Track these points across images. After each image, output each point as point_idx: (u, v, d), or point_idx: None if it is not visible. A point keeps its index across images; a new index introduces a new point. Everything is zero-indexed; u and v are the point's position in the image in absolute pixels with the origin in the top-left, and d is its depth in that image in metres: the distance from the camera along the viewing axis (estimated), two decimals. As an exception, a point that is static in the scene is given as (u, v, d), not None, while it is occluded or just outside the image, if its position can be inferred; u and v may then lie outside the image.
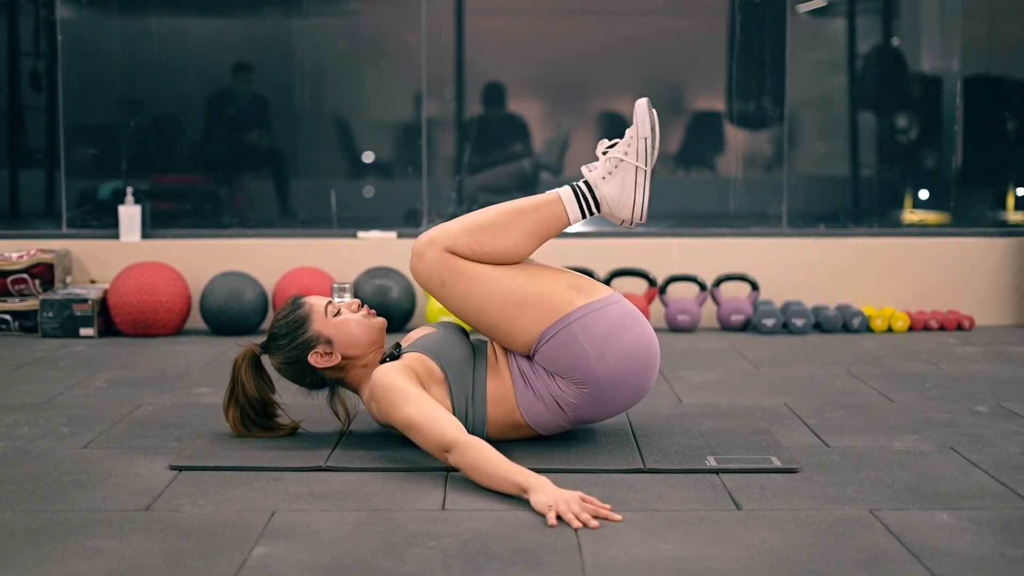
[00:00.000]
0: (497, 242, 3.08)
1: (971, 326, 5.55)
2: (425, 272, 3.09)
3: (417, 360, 3.04)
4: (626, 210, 3.12)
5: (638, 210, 3.12)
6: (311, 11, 5.90)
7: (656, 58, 6.10)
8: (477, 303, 3.07)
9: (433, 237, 3.08)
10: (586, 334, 3.01)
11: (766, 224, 5.91)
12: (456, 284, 3.07)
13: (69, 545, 2.39)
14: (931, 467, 2.99)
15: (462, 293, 3.07)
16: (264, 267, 5.58)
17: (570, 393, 3.05)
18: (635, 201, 3.11)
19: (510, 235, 3.09)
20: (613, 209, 3.12)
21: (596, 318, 3.03)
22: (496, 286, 3.06)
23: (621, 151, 3.12)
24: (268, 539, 2.43)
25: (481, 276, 3.07)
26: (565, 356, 3.01)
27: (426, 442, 2.83)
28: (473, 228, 3.09)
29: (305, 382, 3.18)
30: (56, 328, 5.22)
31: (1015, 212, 6.05)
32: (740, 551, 2.36)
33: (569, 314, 3.02)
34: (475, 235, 3.08)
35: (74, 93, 5.81)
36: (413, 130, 5.94)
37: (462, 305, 3.09)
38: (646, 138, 3.11)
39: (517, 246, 3.10)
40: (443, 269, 3.07)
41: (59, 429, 3.41)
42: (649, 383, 3.13)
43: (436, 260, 3.07)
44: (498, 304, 3.05)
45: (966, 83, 6.03)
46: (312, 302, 3.15)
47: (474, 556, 2.33)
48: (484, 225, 3.09)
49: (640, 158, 3.11)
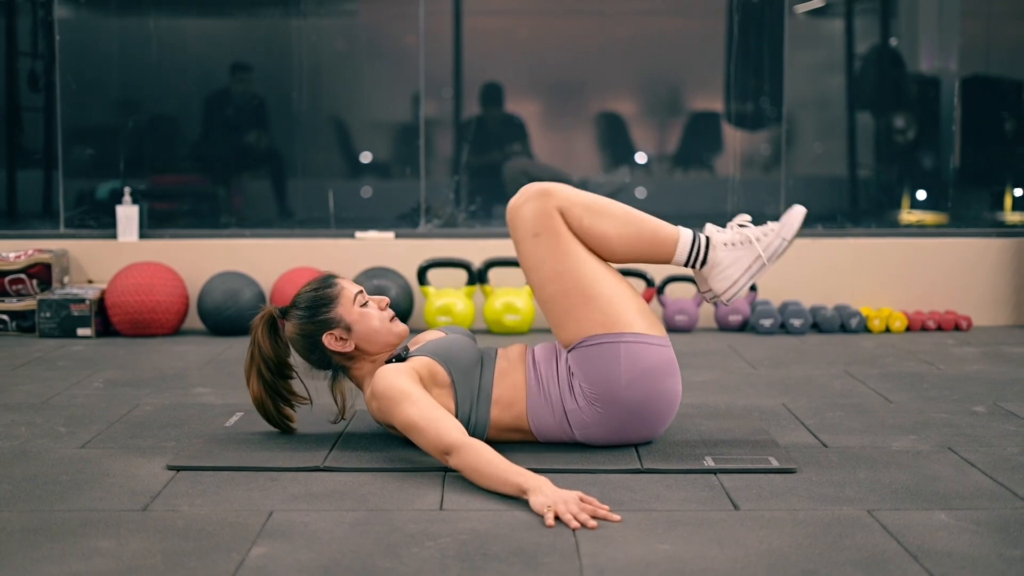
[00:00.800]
0: (605, 230, 3.05)
1: (969, 326, 5.55)
2: (524, 216, 3.05)
3: (422, 364, 3.03)
4: (723, 285, 3.12)
5: (733, 291, 3.12)
6: (309, 11, 5.90)
7: (654, 58, 6.10)
8: (554, 272, 3.03)
9: (549, 189, 3.05)
10: (628, 359, 3.00)
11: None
12: (546, 243, 3.04)
13: (67, 545, 2.39)
14: (929, 467, 2.99)
15: (547, 254, 3.04)
16: (262, 267, 5.58)
17: (584, 410, 3.03)
18: (737, 282, 3.11)
19: (619, 233, 3.06)
20: (712, 276, 3.12)
21: (644, 350, 3.02)
22: (579, 268, 3.03)
23: (756, 234, 3.12)
24: (266, 539, 2.43)
25: (572, 251, 3.04)
26: (599, 367, 3.01)
27: (427, 444, 2.83)
28: (592, 205, 3.06)
29: (311, 358, 3.16)
30: (54, 328, 5.22)
31: (1013, 212, 6.06)
32: (738, 551, 2.36)
33: (624, 333, 3.01)
34: (591, 212, 3.04)
35: (72, 93, 5.81)
36: (411, 130, 5.94)
37: (538, 264, 3.05)
38: (784, 240, 3.11)
39: (616, 246, 3.07)
40: (543, 222, 3.03)
41: (57, 429, 3.41)
42: (657, 432, 3.13)
43: (540, 211, 3.04)
44: (570, 285, 3.03)
45: (964, 83, 6.04)
46: (344, 285, 3.13)
47: (472, 556, 2.33)
48: (603, 210, 3.06)
49: (768, 252, 3.10)
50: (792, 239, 3.12)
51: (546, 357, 3.13)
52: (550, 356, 3.13)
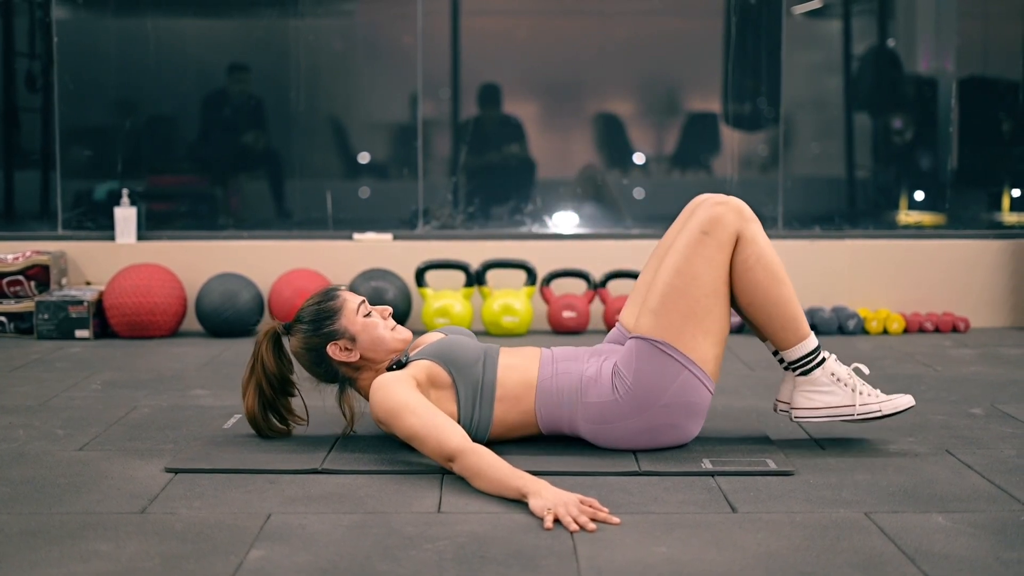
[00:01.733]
0: (758, 281, 3.07)
1: (966, 328, 5.56)
2: (712, 215, 3.05)
3: (421, 368, 3.04)
4: (803, 403, 3.16)
5: (806, 416, 3.16)
6: (307, 12, 5.90)
7: (652, 59, 6.10)
8: (690, 271, 3.03)
9: (746, 213, 3.08)
10: (682, 386, 3.02)
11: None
12: (706, 245, 3.04)
13: (64, 548, 2.39)
14: (926, 470, 3.00)
15: (698, 254, 3.03)
16: (260, 269, 5.58)
17: (606, 404, 3.04)
18: (816, 411, 3.15)
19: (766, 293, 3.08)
20: (800, 389, 3.16)
21: (698, 388, 3.04)
22: (710, 287, 3.04)
23: (862, 388, 3.16)
24: (264, 542, 2.43)
25: (719, 271, 3.04)
26: (654, 371, 3.01)
27: (430, 452, 2.84)
28: (765, 254, 3.07)
29: (318, 371, 3.17)
30: (51, 330, 5.22)
31: (1010, 213, 6.06)
32: (735, 554, 2.36)
33: (696, 364, 3.02)
34: (760, 259, 3.06)
35: (70, 94, 5.81)
36: (409, 131, 5.94)
37: (685, 254, 3.04)
38: (880, 412, 3.15)
39: (755, 301, 3.09)
40: (720, 231, 3.04)
41: (55, 431, 3.41)
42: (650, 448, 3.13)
43: (727, 222, 3.05)
44: (691, 292, 3.02)
45: (961, 84, 6.04)
46: (346, 296, 3.14)
47: (470, 559, 2.33)
48: (770, 265, 3.08)
49: (860, 408, 3.14)
50: (884, 416, 3.16)
51: (569, 357, 3.14)
52: (573, 357, 3.14)
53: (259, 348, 3.18)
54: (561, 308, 5.50)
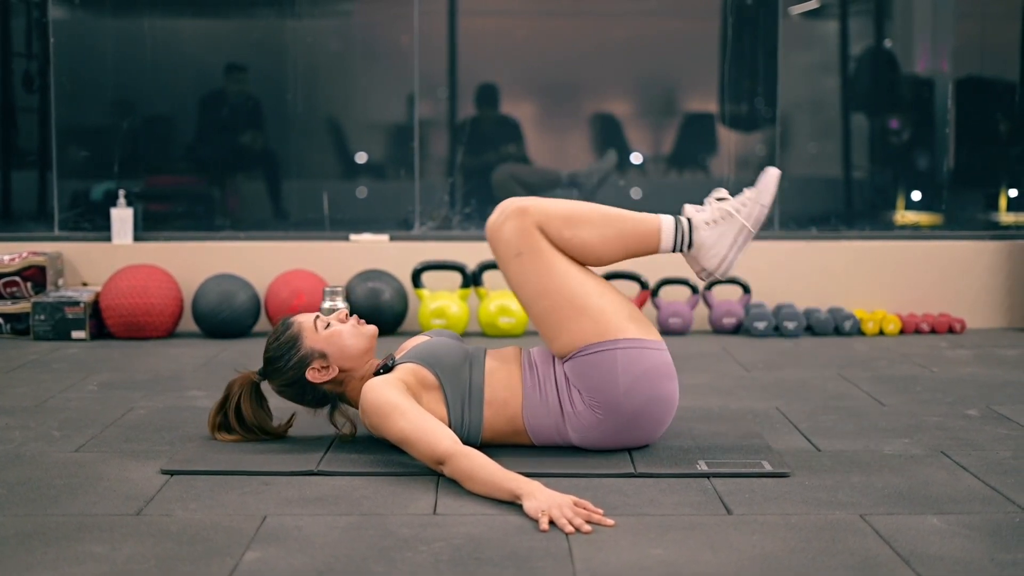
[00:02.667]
0: (587, 238, 3.05)
1: (962, 329, 5.56)
2: (505, 238, 3.05)
3: (409, 371, 3.04)
4: (713, 262, 3.12)
5: (724, 266, 3.13)
6: (304, 12, 5.90)
7: (649, 60, 6.10)
8: (541, 288, 3.03)
9: (526, 207, 3.04)
10: (624, 365, 3.01)
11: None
12: (530, 261, 3.04)
13: (60, 550, 2.39)
14: (921, 471, 3.00)
15: (532, 272, 3.04)
16: (256, 269, 5.58)
17: (583, 415, 3.04)
18: (726, 257, 3.12)
19: (602, 237, 3.06)
20: (701, 255, 3.12)
21: (640, 355, 3.03)
22: (565, 281, 3.03)
23: (734, 206, 3.13)
24: (259, 544, 2.43)
25: (557, 265, 3.04)
26: (596, 376, 3.01)
27: (420, 455, 2.84)
28: (570, 215, 3.05)
29: (307, 400, 3.19)
30: (48, 331, 5.21)
31: (1007, 214, 6.07)
32: (731, 556, 2.37)
33: (619, 340, 3.01)
34: (570, 223, 3.04)
35: (66, 94, 5.81)
36: (406, 131, 5.94)
37: (524, 282, 3.05)
38: (763, 206, 3.12)
39: (602, 250, 3.08)
40: (524, 241, 3.04)
41: (51, 433, 3.41)
42: (654, 437, 3.14)
43: (522, 230, 3.04)
44: (560, 299, 3.03)
45: (958, 85, 6.04)
46: (300, 320, 3.15)
47: (465, 561, 2.33)
48: (582, 217, 3.06)
49: (751, 221, 3.11)
50: (771, 203, 3.12)
51: (544, 359, 3.13)
52: (548, 358, 3.13)
53: (235, 399, 3.21)
54: (558, 309, 5.49)
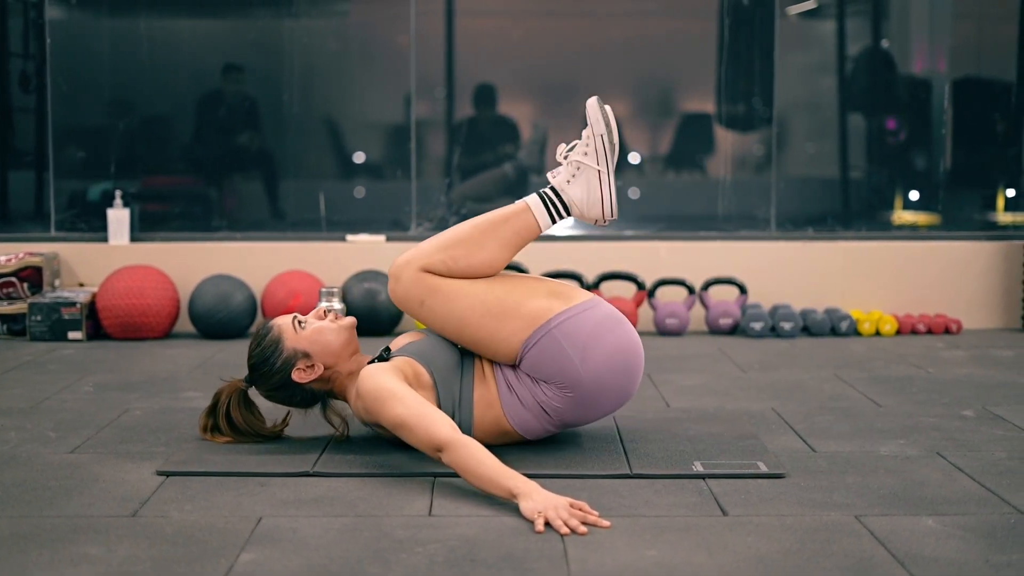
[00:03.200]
0: (471, 256, 3.08)
1: (958, 330, 5.57)
2: (403, 294, 3.11)
3: (406, 362, 3.05)
4: (595, 210, 3.13)
5: (607, 208, 3.13)
6: (301, 12, 5.90)
7: (646, 60, 6.11)
8: (457, 319, 3.07)
9: (408, 259, 3.10)
10: (568, 339, 3.02)
11: (754, 227, 5.93)
12: (435, 302, 3.08)
13: (56, 551, 2.39)
14: (917, 472, 3.00)
15: (442, 311, 3.08)
16: (253, 270, 5.58)
17: (555, 398, 3.05)
18: (603, 200, 3.12)
19: (483, 248, 3.09)
20: (583, 211, 3.14)
21: (577, 323, 3.04)
22: (474, 300, 3.06)
23: (580, 154, 3.14)
24: (255, 545, 2.43)
25: (459, 292, 3.08)
26: (549, 362, 3.02)
27: (418, 441, 2.83)
28: (446, 244, 3.09)
29: (296, 401, 3.20)
30: (44, 332, 5.21)
31: (1004, 214, 6.07)
32: (726, 557, 2.37)
33: (549, 320, 3.03)
34: (448, 251, 3.08)
35: (63, 95, 5.81)
36: (403, 132, 5.94)
37: (443, 323, 3.10)
38: (602, 135, 3.13)
39: (492, 258, 3.10)
40: (420, 289, 3.08)
41: (46, 434, 3.41)
42: (634, 384, 3.14)
43: (412, 281, 3.08)
44: (478, 318, 3.05)
45: (955, 85, 6.05)
46: (278, 322, 3.16)
47: (460, 562, 2.33)
48: (456, 240, 3.09)
49: (601, 159, 3.12)
50: (608, 128, 3.14)
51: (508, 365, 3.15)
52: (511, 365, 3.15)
53: (224, 407, 3.23)
54: (554, 309, 5.49)
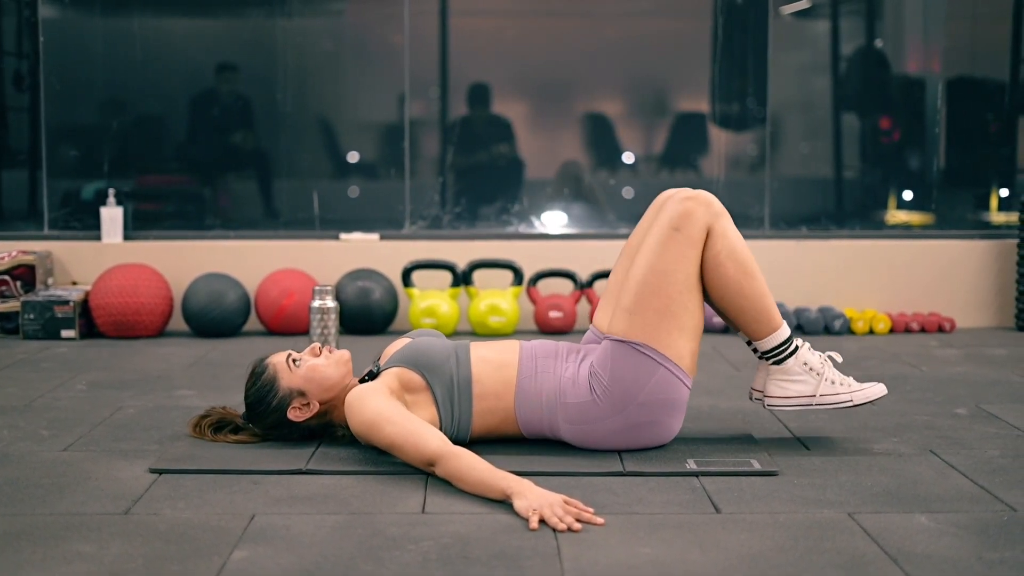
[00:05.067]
0: (728, 275, 3.06)
1: (952, 328, 5.57)
2: (680, 210, 3.04)
3: (393, 376, 3.04)
4: (776, 392, 3.16)
5: (778, 405, 3.17)
6: (295, 11, 5.90)
7: (640, 59, 6.11)
8: (663, 268, 3.02)
9: (714, 206, 3.05)
10: (659, 383, 3.02)
11: (749, 226, 5.93)
12: (678, 241, 3.02)
13: (48, 549, 2.39)
14: (910, 470, 3.00)
15: (672, 251, 3.02)
16: (246, 269, 5.57)
17: (582, 406, 3.04)
18: (788, 400, 3.16)
19: (738, 286, 3.07)
20: (773, 378, 3.17)
21: (675, 384, 3.04)
22: (684, 283, 3.03)
23: (833, 377, 3.16)
24: (247, 543, 2.43)
25: (691, 266, 3.03)
26: (629, 371, 3.01)
27: (410, 459, 2.85)
28: (736, 248, 3.06)
29: (293, 438, 3.19)
30: (37, 330, 5.20)
31: (997, 214, 6.08)
32: (719, 554, 2.37)
33: (671, 360, 3.02)
34: (732, 252, 3.05)
35: (56, 93, 5.80)
36: (397, 131, 5.94)
37: (656, 252, 3.03)
38: (851, 402, 3.16)
39: (727, 294, 3.08)
40: (691, 226, 3.03)
41: (39, 432, 3.40)
42: (633, 448, 3.13)
43: (696, 216, 3.03)
44: (665, 290, 3.01)
45: (949, 85, 6.05)
46: (274, 361, 3.14)
47: (453, 560, 2.33)
48: (741, 257, 3.07)
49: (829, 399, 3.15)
50: (857, 405, 3.17)
51: (548, 353, 3.13)
52: (552, 352, 3.13)
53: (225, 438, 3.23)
54: (548, 308, 5.51)
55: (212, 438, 3.22)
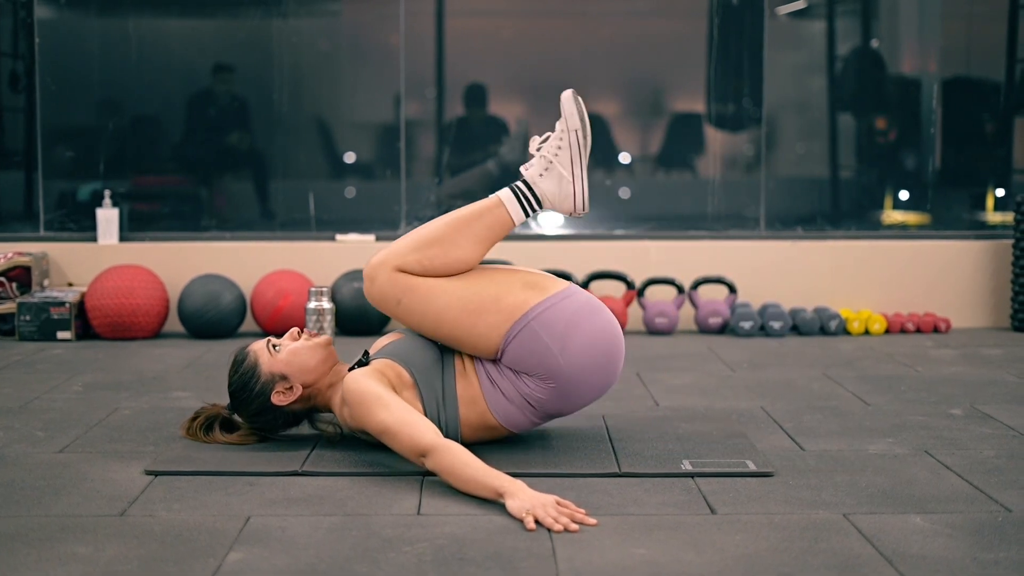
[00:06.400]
0: (446, 254, 3.08)
1: (947, 328, 5.58)
2: (379, 294, 3.10)
3: (387, 365, 3.04)
4: (567, 203, 3.13)
5: (579, 202, 3.12)
6: (291, 12, 5.90)
7: (636, 60, 6.11)
8: (434, 317, 3.06)
9: (382, 259, 3.09)
10: (546, 330, 3.01)
11: (744, 227, 5.93)
12: (411, 301, 3.07)
13: (43, 551, 2.39)
14: (905, 471, 3.01)
15: (419, 309, 3.07)
16: (242, 270, 5.57)
17: (538, 389, 3.05)
18: (575, 193, 3.11)
19: (457, 245, 3.08)
20: (555, 204, 3.13)
21: (554, 313, 3.03)
22: (451, 297, 3.06)
23: (553, 147, 3.12)
24: (243, 544, 2.43)
25: (435, 289, 3.07)
26: (529, 355, 3.02)
27: (402, 447, 2.84)
28: (420, 244, 3.08)
29: (279, 425, 3.20)
30: (33, 331, 5.20)
31: (993, 214, 6.08)
32: (714, 555, 2.37)
33: (526, 313, 3.02)
34: (422, 250, 3.07)
35: (52, 94, 5.79)
36: (393, 132, 5.94)
37: (420, 321, 3.09)
38: (576, 130, 3.11)
39: (466, 255, 3.09)
40: (396, 289, 3.07)
41: (35, 433, 3.40)
42: (616, 370, 3.13)
43: (387, 281, 3.07)
44: (455, 314, 3.05)
45: (944, 85, 6.06)
46: (254, 347, 3.15)
47: (449, 561, 2.33)
48: (430, 239, 3.08)
49: (572, 152, 3.11)
50: (582, 123, 3.11)
51: None
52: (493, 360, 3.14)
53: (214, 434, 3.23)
54: (544, 309, 5.50)
55: (205, 439, 3.22)
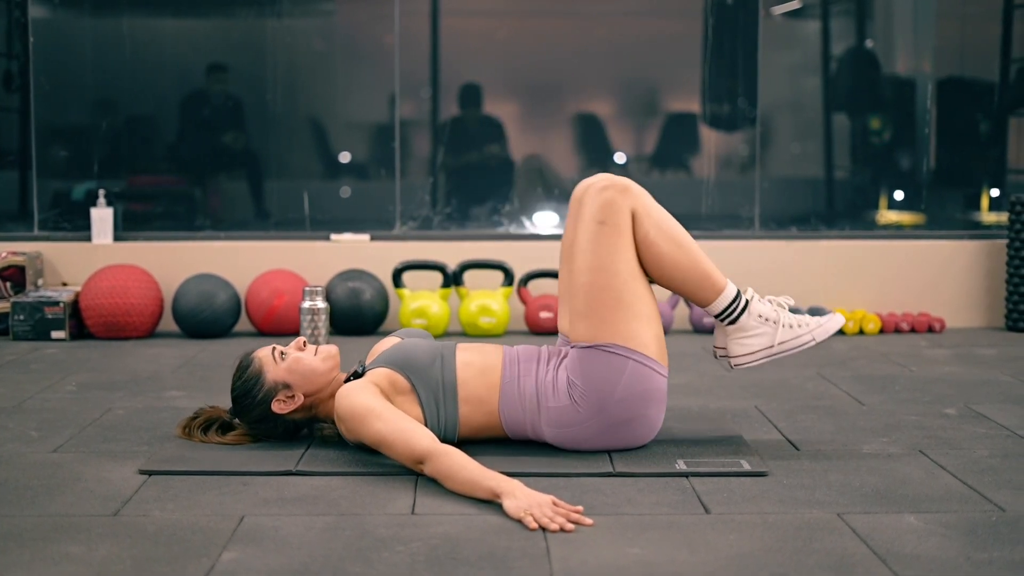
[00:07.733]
0: (663, 252, 3.05)
1: (942, 328, 5.58)
2: (599, 201, 3.03)
3: (381, 375, 3.04)
4: (738, 350, 3.13)
5: (745, 362, 3.13)
6: (285, 11, 5.89)
7: (631, 60, 6.11)
8: (600, 264, 3.02)
9: (630, 188, 3.05)
10: (631, 378, 3.01)
11: (739, 227, 5.93)
12: (607, 234, 3.02)
13: (36, 550, 2.38)
14: (899, 470, 3.01)
15: (605, 245, 3.02)
16: (237, 269, 5.57)
17: (566, 409, 3.03)
18: (754, 355, 3.12)
19: (674, 260, 3.06)
20: (732, 337, 3.14)
21: (648, 375, 3.03)
22: (625, 273, 3.03)
23: (791, 321, 3.12)
24: (237, 544, 2.43)
25: (626, 253, 3.04)
26: (599, 373, 3.01)
27: (399, 456, 2.84)
28: (662, 222, 3.06)
29: (279, 434, 3.19)
30: (27, 331, 5.19)
31: (988, 214, 6.09)
32: (708, 555, 2.37)
33: (638, 352, 3.02)
34: (659, 228, 3.05)
35: (46, 94, 5.79)
36: (387, 131, 5.93)
37: (589, 250, 3.04)
38: (814, 341, 3.12)
39: (667, 271, 3.07)
40: (613, 215, 3.03)
41: (28, 433, 3.40)
42: (620, 448, 3.13)
43: (615, 204, 3.03)
44: (610, 285, 3.02)
45: (939, 85, 6.07)
46: (259, 354, 3.15)
47: (442, 561, 2.33)
48: (670, 231, 3.06)
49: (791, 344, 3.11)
50: (821, 342, 3.14)
51: (530, 357, 3.13)
52: (534, 356, 3.13)
53: (212, 437, 3.22)
54: (538, 309, 5.51)
55: (201, 439, 3.22)
